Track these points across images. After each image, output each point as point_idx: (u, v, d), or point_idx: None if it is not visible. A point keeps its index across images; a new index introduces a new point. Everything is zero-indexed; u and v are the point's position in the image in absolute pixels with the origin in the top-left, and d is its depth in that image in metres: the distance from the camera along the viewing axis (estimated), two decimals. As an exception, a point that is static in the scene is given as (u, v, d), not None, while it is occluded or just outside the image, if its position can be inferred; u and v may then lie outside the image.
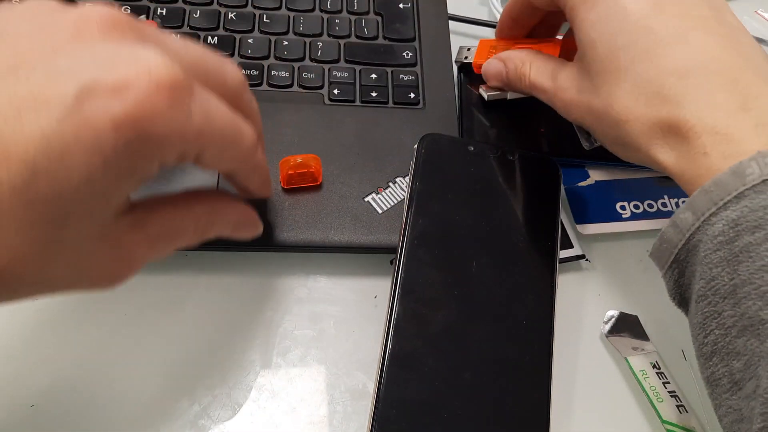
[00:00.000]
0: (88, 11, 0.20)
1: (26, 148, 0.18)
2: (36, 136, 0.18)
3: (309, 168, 0.33)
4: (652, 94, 0.26)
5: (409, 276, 0.30)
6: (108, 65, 0.19)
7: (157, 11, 0.40)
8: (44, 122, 0.18)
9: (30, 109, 0.18)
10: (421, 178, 0.32)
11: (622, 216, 0.38)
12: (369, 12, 0.42)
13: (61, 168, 0.18)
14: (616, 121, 0.28)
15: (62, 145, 0.18)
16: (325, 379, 0.31)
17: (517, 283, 0.31)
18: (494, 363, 0.28)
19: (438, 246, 0.31)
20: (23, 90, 0.18)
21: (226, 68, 0.25)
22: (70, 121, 0.18)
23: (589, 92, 0.29)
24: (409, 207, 0.31)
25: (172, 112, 0.20)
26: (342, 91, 0.38)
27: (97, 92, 0.18)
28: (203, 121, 0.21)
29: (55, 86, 0.18)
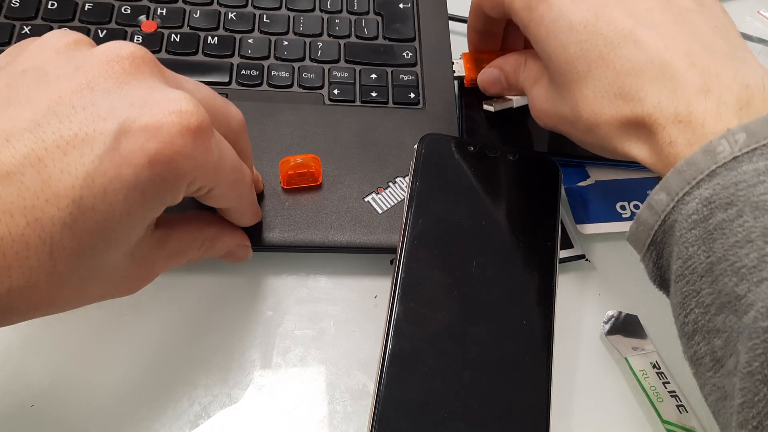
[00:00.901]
0: (119, 50, 0.22)
1: (73, 186, 0.19)
2: (81, 175, 0.19)
3: (309, 168, 0.33)
4: (614, 96, 0.27)
5: (410, 276, 0.30)
6: (143, 106, 0.21)
7: (157, 11, 0.40)
8: (87, 161, 0.19)
9: (74, 148, 0.19)
10: (422, 178, 0.32)
11: (622, 216, 0.38)
12: (369, 12, 0.42)
13: (104, 203, 0.20)
14: (587, 127, 0.28)
15: (105, 181, 0.20)
16: (325, 379, 0.31)
17: (517, 283, 0.31)
18: (494, 363, 0.28)
19: (438, 246, 0.31)
20: (66, 130, 0.20)
21: (231, 110, 0.27)
22: (110, 159, 0.20)
23: (557, 101, 0.30)
24: (409, 207, 0.31)
25: (198, 150, 0.22)
26: (342, 91, 0.38)
27: (134, 131, 0.20)
28: (220, 159, 0.23)
29: (95, 126, 0.20)
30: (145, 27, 0.39)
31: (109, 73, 0.21)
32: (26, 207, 0.19)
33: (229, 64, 0.38)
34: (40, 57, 0.22)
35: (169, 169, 0.21)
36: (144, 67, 0.22)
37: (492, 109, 0.40)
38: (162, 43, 0.38)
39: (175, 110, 0.21)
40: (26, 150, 0.19)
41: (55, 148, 0.19)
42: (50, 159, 0.19)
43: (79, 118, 0.20)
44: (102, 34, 0.38)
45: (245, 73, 0.38)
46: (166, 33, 0.39)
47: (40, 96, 0.20)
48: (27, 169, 0.19)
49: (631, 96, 0.26)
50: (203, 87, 0.26)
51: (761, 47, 0.49)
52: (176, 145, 0.21)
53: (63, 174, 0.19)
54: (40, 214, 0.19)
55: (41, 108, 0.20)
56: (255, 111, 0.37)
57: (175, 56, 0.38)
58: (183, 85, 0.24)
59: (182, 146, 0.21)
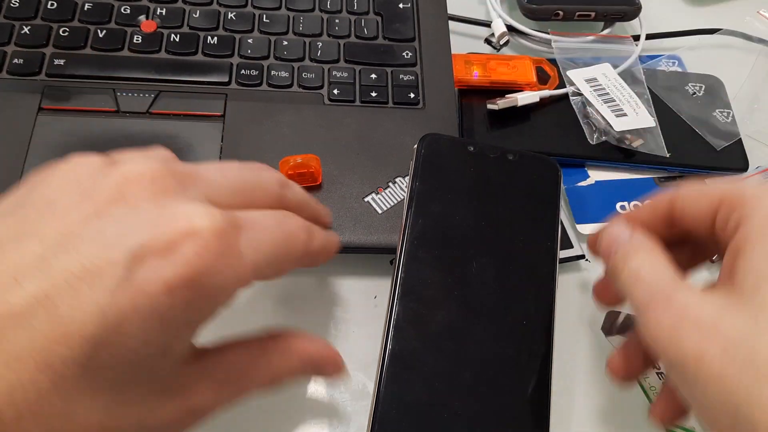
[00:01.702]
0: (129, 172, 0.21)
1: (85, 323, 0.18)
2: (93, 311, 0.18)
3: (309, 168, 0.33)
4: None
5: (409, 276, 0.30)
6: (153, 228, 0.19)
7: (157, 11, 0.40)
8: (99, 295, 0.18)
9: (84, 283, 0.18)
10: (421, 178, 0.32)
11: (622, 216, 0.38)
12: (369, 12, 0.42)
13: (119, 337, 0.18)
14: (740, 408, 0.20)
15: (119, 315, 0.18)
16: (325, 379, 0.31)
17: (517, 283, 0.31)
18: (494, 363, 0.28)
19: (438, 246, 0.31)
20: (75, 264, 0.18)
21: (263, 178, 0.25)
22: (124, 290, 0.18)
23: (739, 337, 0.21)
24: (409, 207, 0.31)
25: (223, 260, 0.20)
26: (342, 91, 0.38)
27: (146, 258, 0.19)
28: (254, 254, 0.21)
29: (105, 256, 0.19)
30: (144, 27, 0.39)
31: (118, 199, 0.20)
32: (36, 350, 0.18)
33: (228, 64, 0.38)
34: (50, 188, 0.21)
35: (191, 291, 0.19)
36: (155, 185, 0.21)
37: (496, 107, 0.40)
38: (161, 43, 0.38)
39: (189, 229, 0.19)
40: (35, 289, 0.18)
41: (65, 285, 0.18)
42: (60, 297, 0.18)
43: (88, 250, 0.19)
44: (101, 34, 0.38)
45: (245, 73, 0.38)
46: (165, 33, 0.39)
47: (47, 229, 0.19)
48: (36, 309, 0.18)
49: None
50: (228, 167, 0.24)
51: (761, 47, 0.49)
52: (196, 263, 0.19)
53: (74, 311, 0.18)
54: (50, 356, 0.18)
55: (49, 242, 0.19)
56: (255, 111, 0.37)
57: (175, 56, 0.38)
58: (206, 177, 0.22)
59: (203, 263, 0.19)
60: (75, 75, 0.36)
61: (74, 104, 0.35)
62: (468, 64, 0.42)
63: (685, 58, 0.47)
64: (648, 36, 0.47)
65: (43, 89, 0.36)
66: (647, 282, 0.24)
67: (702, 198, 0.26)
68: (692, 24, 0.49)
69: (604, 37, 0.47)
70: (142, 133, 0.35)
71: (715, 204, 0.25)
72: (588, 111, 0.41)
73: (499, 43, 0.45)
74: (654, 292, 0.24)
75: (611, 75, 0.42)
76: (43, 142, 0.34)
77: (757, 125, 0.44)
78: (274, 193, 0.25)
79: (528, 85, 0.42)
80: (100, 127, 0.35)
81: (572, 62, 0.44)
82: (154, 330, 0.19)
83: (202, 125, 0.36)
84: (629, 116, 0.40)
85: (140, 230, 0.19)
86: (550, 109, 0.42)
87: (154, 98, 0.36)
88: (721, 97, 0.44)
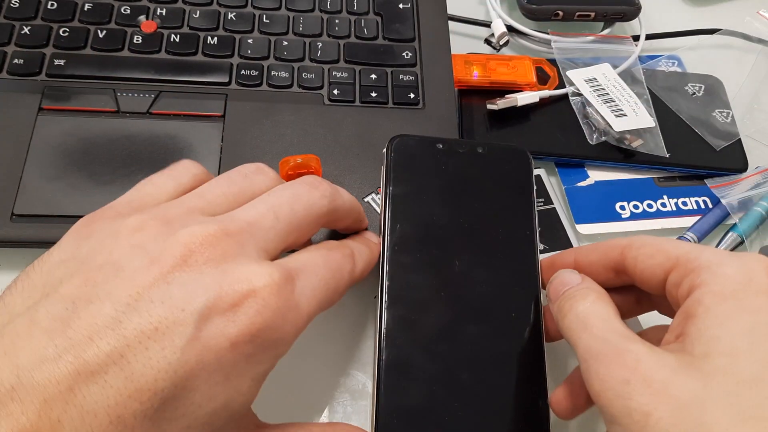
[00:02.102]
0: (189, 239, 0.22)
1: (156, 379, 0.19)
2: (163, 367, 0.19)
3: (309, 168, 0.33)
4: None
5: (394, 282, 0.29)
6: (217, 291, 0.21)
7: (157, 11, 0.40)
8: (168, 352, 0.20)
9: (155, 342, 0.20)
10: (394, 182, 0.32)
11: (621, 216, 0.39)
12: (369, 12, 0.42)
13: (186, 391, 0.20)
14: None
15: (186, 371, 0.20)
16: (325, 379, 0.31)
17: (500, 277, 0.30)
18: (487, 359, 0.28)
19: (419, 248, 0.30)
20: (146, 325, 0.20)
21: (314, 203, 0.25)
22: (191, 348, 0.20)
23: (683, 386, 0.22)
24: (385, 212, 0.31)
25: (282, 314, 0.22)
26: (342, 91, 0.38)
27: (211, 317, 0.20)
28: (309, 301, 0.23)
29: (174, 317, 0.20)
30: (144, 27, 0.39)
31: (181, 264, 0.21)
32: (110, 405, 0.19)
33: (228, 64, 0.38)
34: (116, 251, 0.22)
35: (254, 346, 0.21)
36: (215, 250, 0.22)
37: (496, 107, 0.40)
38: (162, 43, 0.38)
39: (249, 289, 0.21)
40: (109, 348, 0.19)
41: (137, 344, 0.19)
42: (132, 354, 0.19)
43: (158, 312, 0.20)
44: (102, 34, 0.38)
45: (245, 73, 0.38)
46: (165, 33, 0.39)
47: (118, 292, 0.20)
48: (110, 366, 0.19)
49: None
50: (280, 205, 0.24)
51: (761, 47, 0.49)
52: (257, 320, 0.21)
53: (145, 368, 0.19)
54: (122, 410, 0.19)
55: (121, 304, 0.20)
56: (255, 111, 0.37)
57: (175, 56, 0.38)
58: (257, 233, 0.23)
59: (263, 320, 0.21)
60: (75, 75, 0.36)
61: (74, 104, 0.35)
62: (468, 64, 0.42)
63: (684, 58, 0.47)
64: (648, 36, 0.47)
65: (43, 89, 0.36)
66: (596, 332, 0.24)
67: (657, 254, 0.26)
68: (692, 24, 0.49)
69: (604, 37, 0.47)
70: (142, 134, 0.35)
71: (670, 263, 0.25)
72: (588, 111, 0.41)
73: (498, 43, 0.45)
74: (603, 344, 0.24)
75: (611, 75, 0.43)
76: (43, 143, 0.34)
77: (757, 125, 0.44)
78: (325, 212, 0.26)
79: (528, 85, 0.42)
80: (100, 128, 0.35)
81: (572, 62, 0.44)
82: (218, 384, 0.21)
83: (202, 125, 0.36)
84: (629, 116, 0.40)
85: (205, 293, 0.21)
86: (549, 109, 0.42)
87: (154, 98, 0.36)
88: (720, 98, 0.44)
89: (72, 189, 0.33)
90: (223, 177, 0.26)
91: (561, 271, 0.29)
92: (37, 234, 0.31)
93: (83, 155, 0.34)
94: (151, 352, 0.19)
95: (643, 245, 0.27)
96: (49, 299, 0.20)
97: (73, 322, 0.19)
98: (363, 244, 0.29)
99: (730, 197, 0.39)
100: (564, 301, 0.27)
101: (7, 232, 0.31)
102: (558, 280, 0.28)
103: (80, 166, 0.33)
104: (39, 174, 0.33)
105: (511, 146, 0.35)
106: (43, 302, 0.20)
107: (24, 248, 0.32)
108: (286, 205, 0.25)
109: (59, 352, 0.19)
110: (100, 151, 0.34)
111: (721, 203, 0.39)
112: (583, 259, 0.29)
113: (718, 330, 0.22)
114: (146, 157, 0.34)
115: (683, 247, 0.26)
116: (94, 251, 0.22)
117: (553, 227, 0.37)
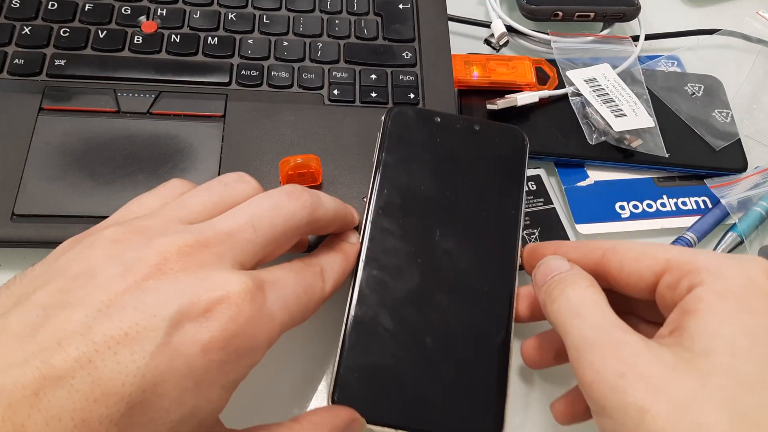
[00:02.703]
0: (165, 247, 0.22)
1: (123, 383, 0.19)
2: (132, 372, 0.19)
3: (309, 168, 0.33)
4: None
5: (374, 245, 0.30)
6: (190, 297, 0.21)
7: (157, 12, 0.40)
8: (138, 357, 0.19)
9: (125, 347, 0.19)
10: (387, 149, 0.33)
11: (621, 216, 0.39)
12: (369, 12, 0.42)
13: (154, 397, 0.20)
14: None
15: (156, 376, 0.20)
16: (325, 379, 0.31)
17: (478, 251, 0.31)
18: (455, 330, 0.29)
19: (402, 215, 0.31)
20: (117, 330, 0.20)
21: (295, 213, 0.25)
22: (161, 353, 0.20)
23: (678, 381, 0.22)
24: (374, 177, 0.32)
25: (255, 322, 0.22)
26: (342, 91, 0.38)
27: (183, 323, 0.20)
28: (282, 312, 0.24)
29: (145, 323, 0.20)
30: (145, 27, 0.39)
31: (157, 273, 0.21)
32: (75, 409, 0.19)
33: (229, 64, 0.38)
34: (91, 260, 0.22)
35: (226, 354, 0.21)
36: (190, 259, 0.22)
37: (496, 107, 0.40)
38: (162, 43, 0.39)
39: (223, 296, 0.21)
40: (77, 353, 0.19)
41: (106, 349, 0.19)
42: (101, 359, 0.19)
43: (130, 318, 0.20)
44: (102, 35, 0.38)
45: (245, 73, 0.38)
46: (166, 33, 0.39)
47: (91, 299, 0.20)
48: (77, 371, 0.19)
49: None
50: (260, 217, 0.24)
51: (761, 47, 0.49)
52: (229, 327, 0.21)
53: (113, 373, 0.19)
54: (88, 415, 0.19)
55: (93, 310, 0.20)
56: (255, 111, 0.37)
57: (175, 57, 0.38)
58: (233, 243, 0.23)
59: (235, 326, 0.21)
60: (76, 75, 0.37)
61: (75, 104, 0.35)
62: (468, 64, 0.42)
63: (684, 58, 0.48)
64: (647, 36, 0.47)
65: (43, 89, 0.36)
66: (591, 320, 0.24)
67: (644, 258, 0.26)
68: (691, 24, 0.49)
69: (604, 37, 0.47)
70: (142, 134, 0.35)
71: (660, 266, 0.25)
72: (587, 111, 0.41)
73: (498, 43, 0.45)
74: (597, 332, 0.23)
75: (610, 75, 0.43)
76: (43, 143, 0.34)
77: (756, 125, 0.44)
78: (305, 223, 0.26)
79: (527, 85, 0.42)
80: (100, 128, 0.35)
81: (571, 62, 0.44)
82: (188, 390, 0.20)
83: (202, 125, 0.36)
84: (628, 116, 0.40)
85: (178, 299, 0.21)
86: (549, 109, 0.42)
87: (154, 98, 0.36)
88: (720, 98, 0.44)
89: (72, 189, 0.33)
90: (203, 186, 0.26)
91: (549, 257, 0.29)
92: (38, 234, 0.31)
93: (83, 155, 0.34)
94: (120, 356, 0.19)
95: (627, 249, 0.27)
96: (22, 306, 0.20)
97: (43, 327, 0.19)
98: (338, 252, 0.29)
99: (730, 197, 0.39)
100: (553, 286, 0.26)
101: (7, 232, 0.31)
102: (545, 265, 0.28)
103: (80, 166, 0.33)
104: (39, 174, 0.33)
105: (508, 126, 0.35)
106: (15, 309, 0.20)
107: (24, 248, 0.32)
108: (266, 217, 0.24)
109: (27, 357, 0.19)
110: (100, 151, 0.34)
111: (720, 203, 0.39)
112: (563, 256, 0.29)
113: (718, 328, 0.22)
114: (146, 157, 0.34)
115: (672, 250, 0.26)
116: (70, 261, 0.22)
117: (552, 227, 0.37)
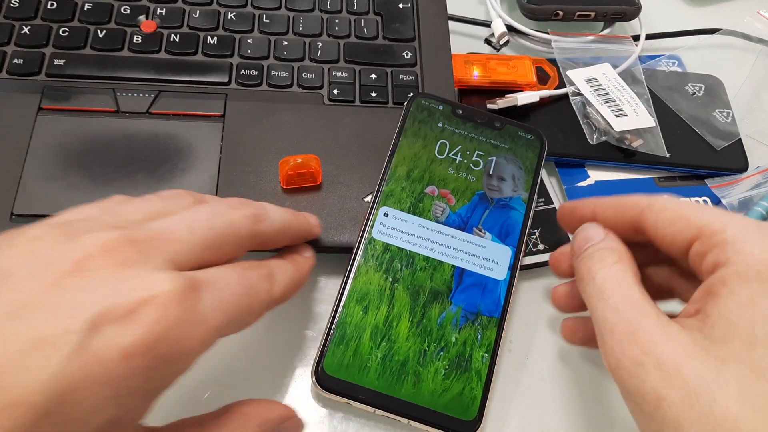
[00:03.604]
0: (89, 243, 0.20)
1: (33, 392, 0.17)
2: (42, 379, 0.17)
3: (309, 168, 0.33)
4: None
5: (378, 224, 0.31)
6: (112, 297, 0.19)
7: (157, 11, 0.40)
8: (52, 362, 0.18)
9: (36, 351, 0.18)
10: (405, 134, 0.34)
11: (622, 216, 0.38)
12: (369, 12, 0.42)
13: (67, 406, 0.18)
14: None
15: (70, 383, 0.18)
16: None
17: (482, 246, 0.32)
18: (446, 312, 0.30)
19: (408, 198, 0.33)
20: (27, 333, 0.18)
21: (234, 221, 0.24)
22: (77, 358, 0.18)
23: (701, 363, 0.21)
24: (389, 160, 0.34)
25: (184, 325, 0.20)
26: (342, 91, 0.38)
27: (103, 325, 0.18)
28: (216, 315, 0.21)
29: (61, 325, 0.18)
30: (144, 27, 0.39)
31: (76, 271, 0.19)
32: None
33: (228, 64, 0.38)
34: (8, 259, 0.20)
35: (148, 359, 0.19)
36: (115, 256, 0.20)
37: (496, 107, 0.40)
38: (161, 43, 0.38)
39: (147, 296, 0.19)
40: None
41: (16, 354, 0.17)
42: (10, 365, 0.17)
43: (45, 320, 0.18)
44: (101, 34, 0.38)
45: (245, 73, 0.38)
46: (165, 33, 0.39)
47: (3, 300, 0.19)
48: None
49: None
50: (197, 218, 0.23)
51: (761, 47, 0.49)
52: (153, 330, 0.19)
53: (22, 381, 0.17)
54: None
55: (3, 313, 0.18)
56: (255, 111, 0.37)
57: (175, 56, 0.38)
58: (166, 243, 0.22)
59: (160, 329, 0.19)
60: (75, 75, 0.36)
61: (74, 104, 0.35)
62: (468, 64, 0.42)
63: (684, 58, 0.47)
64: (648, 36, 0.47)
65: (43, 89, 0.36)
66: (611, 303, 0.24)
67: (678, 221, 0.25)
68: (692, 24, 0.49)
69: (604, 37, 0.47)
70: (141, 133, 0.35)
71: (692, 232, 0.24)
72: (588, 111, 0.41)
73: (499, 43, 0.45)
74: (617, 317, 0.23)
75: (611, 75, 0.42)
76: (43, 142, 0.34)
77: (757, 125, 0.44)
78: (247, 233, 0.25)
79: (528, 85, 0.42)
80: (100, 127, 0.35)
81: (572, 62, 0.44)
82: (106, 399, 0.18)
83: (202, 125, 0.36)
84: (629, 116, 0.40)
85: (99, 300, 0.19)
86: (549, 109, 0.42)
87: (154, 98, 0.36)
88: (720, 97, 0.44)
89: (71, 189, 0.33)
90: (140, 198, 0.25)
91: (586, 225, 0.28)
92: (37, 234, 0.31)
93: (83, 155, 0.34)
94: (31, 362, 0.18)
95: (663, 209, 0.26)
96: None
97: None
98: (290, 261, 0.27)
99: (731, 197, 0.39)
100: (583, 263, 0.26)
101: (6, 232, 0.31)
102: (582, 235, 0.28)
103: (80, 165, 0.33)
104: (38, 174, 0.33)
105: (529, 128, 0.36)
106: None
107: (23, 248, 0.32)
108: (204, 220, 0.23)
109: None
110: (99, 150, 0.34)
111: (721, 203, 0.39)
112: (601, 215, 0.28)
113: (738, 316, 0.22)
114: (146, 157, 0.34)
115: (706, 214, 0.24)
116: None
117: (553, 227, 0.37)
